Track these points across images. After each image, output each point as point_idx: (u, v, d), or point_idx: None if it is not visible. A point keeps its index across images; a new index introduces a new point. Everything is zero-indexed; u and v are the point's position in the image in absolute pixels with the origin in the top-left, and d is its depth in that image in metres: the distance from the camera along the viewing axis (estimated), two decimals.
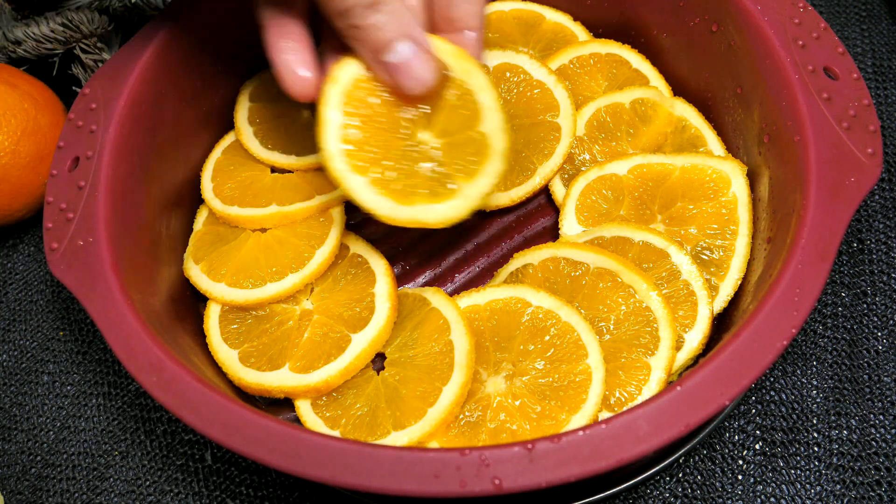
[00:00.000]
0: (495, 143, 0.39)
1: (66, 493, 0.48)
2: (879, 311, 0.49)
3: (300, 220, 0.46)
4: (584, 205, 0.46)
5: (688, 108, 0.49)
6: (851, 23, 0.60)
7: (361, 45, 0.36)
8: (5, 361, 0.53)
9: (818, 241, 0.36)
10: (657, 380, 0.39)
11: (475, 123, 0.39)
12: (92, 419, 0.50)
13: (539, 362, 0.40)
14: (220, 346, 0.43)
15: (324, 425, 0.40)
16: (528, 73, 0.50)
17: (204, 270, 0.44)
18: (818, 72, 0.41)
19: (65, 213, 0.41)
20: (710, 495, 0.45)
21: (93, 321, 0.51)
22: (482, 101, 0.39)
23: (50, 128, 0.53)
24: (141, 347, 0.36)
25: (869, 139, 0.39)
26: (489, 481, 0.31)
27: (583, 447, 0.32)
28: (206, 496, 0.47)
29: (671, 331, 0.40)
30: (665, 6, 0.49)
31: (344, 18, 0.35)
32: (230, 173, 0.49)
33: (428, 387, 0.39)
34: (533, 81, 0.50)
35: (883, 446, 0.45)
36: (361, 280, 0.44)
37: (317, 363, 0.41)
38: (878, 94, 0.57)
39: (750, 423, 0.46)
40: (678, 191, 0.45)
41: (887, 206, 0.53)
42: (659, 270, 0.43)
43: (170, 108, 0.46)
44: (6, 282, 0.56)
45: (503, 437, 0.38)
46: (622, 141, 0.49)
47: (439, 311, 0.42)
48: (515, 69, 0.50)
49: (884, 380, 0.47)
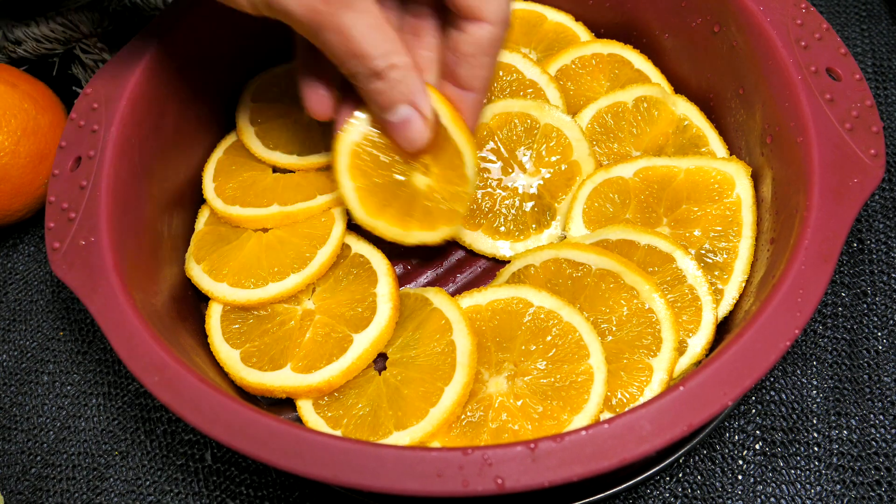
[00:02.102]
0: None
1: (66, 493, 0.48)
2: (879, 311, 0.49)
3: (302, 220, 0.46)
4: (591, 208, 0.46)
5: (690, 106, 0.49)
6: (851, 23, 0.60)
7: (367, 102, 0.39)
8: (5, 361, 0.53)
9: (821, 242, 0.36)
10: (659, 381, 0.39)
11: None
12: (92, 419, 0.50)
13: (541, 362, 0.40)
14: (222, 345, 0.43)
15: (325, 425, 0.40)
16: (520, 73, 0.50)
17: (206, 270, 0.44)
18: (821, 73, 0.41)
19: (67, 213, 0.40)
20: (710, 495, 0.45)
21: (94, 321, 0.51)
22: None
23: (50, 128, 0.53)
24: (143, 347, 0.36)
25: (872, 140, 0.39)
26: (492, 481, 0.31)
27: (585, 447, 0.32)
28: (206, 496, 0.47)
29: (674, 332, 0.40)
30: (667, 7, 0.49)
31: (353, 80, 0.38)
32: (232, 173, 0.48)
33: (430, 387, 0.39)
34: (525, 81, 0.50)
35: (883, 446, 0.45)
36: (363, 280, 0.44)
37: (318, 363, 0.41)
38: (878, 95, 0.57)
39: (750, 423, 0.46)
40: (683, 193, 0.45)
41: (887, 206, 0.53)
42: (664, 274, 0.43)
43: (171, 108, 0.46)
44: (6, 282, 0.56)
45: (505, 437, 0.38)
46: (624, 142, 0.49)
47: (441, 311, 0.42)
48: (508, 68, 0.51)
49: (884, 380, 0.47)
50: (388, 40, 0.36)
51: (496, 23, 0.38)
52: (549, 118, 0.48)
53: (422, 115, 0.39)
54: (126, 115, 0.43)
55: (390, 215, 0.43)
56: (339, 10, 0.34)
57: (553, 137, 0.48)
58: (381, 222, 0.43)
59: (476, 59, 0.39)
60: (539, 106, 0.48)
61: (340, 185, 0.42)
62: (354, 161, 0.42)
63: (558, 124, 0.48)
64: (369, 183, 0.42)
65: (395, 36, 0.37)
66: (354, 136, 0.42)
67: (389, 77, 0.37)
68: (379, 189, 0.43)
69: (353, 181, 0.42)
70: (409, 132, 0.40)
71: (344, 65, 0.37)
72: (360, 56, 0.36)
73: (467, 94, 0.40)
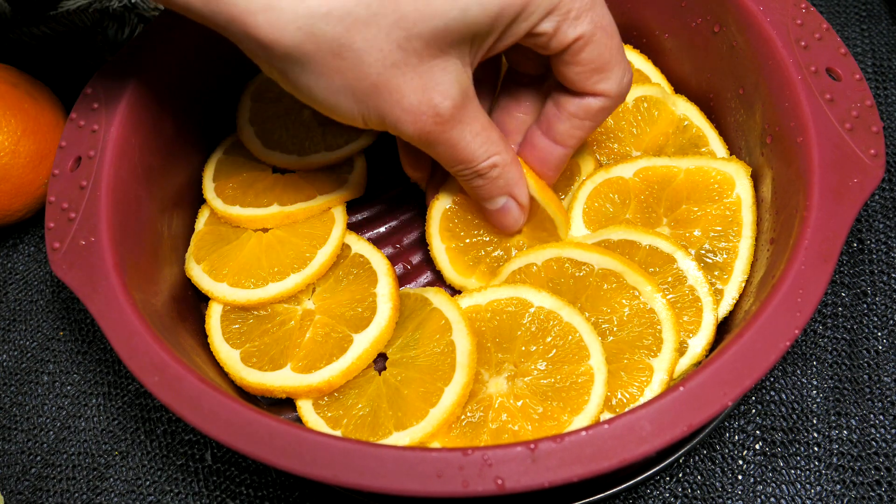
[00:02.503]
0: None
1: (66, 493, 0.48)
2: (879, 311, 0.49)
3: (302, 220, 0.46)
4: (591, 209, 0.46)
5: (690, 106, 0.49)
6: (851, 23, 0.60)
7: (469, 193, 0.43)
8: (5, 361, 0.53)
9: (821, 242, 0.36)
10: (659, 381, 0.39)
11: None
12: (92, 419, 0.50)
13: (541, 363, 0.40)
14: (222, 345, 0.43)
15: (325, 425, 0.40)
16: None
17: (206, 270, 0.44)
18: (821, 73, 0.41)
19: (67, 213, 0.40)
20: (710, 495, 0.45)
21: (94, 321, 0.51)
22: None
23: (50, 128, 0.53)
24: (143, 347, 0.36)
25: (872, 140, 0.39)
26: (492, 481, 0.31)
27: (585, 447, 0.32)
28: (206, 496, 0.47)
29: (674, 333, 0.40)
30: (667, 7, 0.49)
31: (456, 173, 0.40)
32: (232, 173, 0.48)
33: (430, 387, 0.39)
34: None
35: (883, 446, 0.45)
36: (363, 280, 0.44)
37: (319, 363, 0.41)
38: (878, 95, 0.57)
39: (750, 423, 0.46)
40: (683, 193, 0.45)
41: (887, 206, 0.53)
42: (665, 275, 0.43)
43: (172, 107, 0.46)
44: (6, 282, 0.56)
45: (505, 437, 0.38)
46: (624, 142, 0.49)
47: (441, 311, 0.42)
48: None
49: (884, 380, 0.47)
50: (491, 143, 0.39)
51: (614, 98, 0.39)
52: None
53: (519, 204, 0.42)
54: (126, 115, 0.43)
55: (480, 273, 0.45)
56: (450, 128, 0.36)
57: None
58: (471, 280, 0.45)
59: (581, 122, 0.40)
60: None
61: (432, 246, 0.46)
62: (445, 224, 0.45)
63: None
64: (460, 244, 0.46)
65: (497, 136, 0.39)
66: (447, 202, 0.45)
67: (489, 175, 0.40)
68: (469, 248, 0.46)
69: (444, 242, 0.45)
70: (507, 219, 0.43)
71: (448, 167, 0.39)
72: (464, 162, 0.39)
73: (557, 148, 0.41)
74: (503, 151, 0.39)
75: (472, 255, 0.46)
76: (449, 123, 0.36)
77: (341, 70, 0.34)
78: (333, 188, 0.47)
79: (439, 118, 0.36)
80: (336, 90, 0.35)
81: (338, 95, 0.35)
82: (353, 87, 0.34)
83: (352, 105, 0.35)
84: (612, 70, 0.38)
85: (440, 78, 0.35)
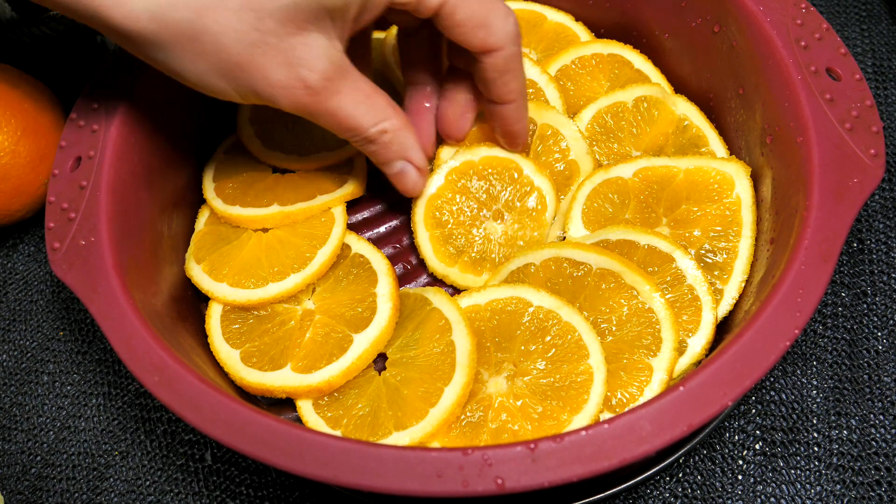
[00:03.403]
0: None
1: (66, 493, 0.48)
2: (879, 311, 0.49)
3: (302, 220, 0.46)
4: (591, 209, 0.46)
5: (690, 106, 0.49)
6: (851, 23, 0.60)
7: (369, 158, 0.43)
8: (5, 361, 0.53)
9: (821, 242, 0.36)
10: (659, 381, 0.39)
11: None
12: (92, 419, 0.50)
13: (540, 362, 0.40)
14: (222, 345, 0.43)
15: (325, 425, 0.40)
16: None
17: (206, 270, 0.44)
18: (820, 73, 0.41)
19: (66, 213, 0.41)
20: (710, 495, 0.45)
21: (94, 321, 0.51)
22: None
23: (50, 128, 0.53)
24: (143, 347, 0.36)
25: (871, 140, 0.39)
26: (492, 481, 0.31)
27: (585, 447, 0.32)
28: (206, 496, 0.47)
29: (674, 332, 0.40)
30: (667, 7, 0.49)
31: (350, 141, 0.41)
32: (232, 173, 0.48)
33: (430, 387, 0.39)
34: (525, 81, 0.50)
35: (883, 446, 0.45)
36: (363, 280, 0.44)
37: (318, 363, 0.41)
38: (878, 95, 0.57)
39: (750, 423, 0.46)
40: (683, 193, 0.45)
41: (887, 206, 0.53)
42: (664, 274, 0.43)
43: (171, 107, 0.46)
44: (6, 282, 0.56)
45: (505, 437, 0.38)
46: (624, 142, 0.49)
47: (441, 311, 0.42)
48: None
49: (884, 380, 0.47)
50: (376, 109, 0.40)
51: (507, 45, 0.40)
52: (546, 118, 0.48)
53: (415, 166, 0.44)
54: (126, 115, 0.43)
55: (463, 263, 0.46)
56: (325, 98, 0.38)
57: (550, 137, 0.48)
58: (454, 270, 0.46)
59: (502, 78, 0.42)
60: (536, 106, 0.48)
61: (417, 234, 0.46)
62: (430, 212, 0.46)
63: (556, 124, 0.48)
64: (443, 232, 0.46)
65: (384, 103, 0.40)
66: (431, 189, 0.46)
67: (381, 140, 0.41)
68: (453, 237, 0.46)
69: (428, 230, 0.46)
70: (406, 182, 0.44)
71: (341, 135, 0.41)
72: (352, 129, 0.40)
73: (507, 106, 0.44)
74: (392, 117, 0.41)
75: (455, 245, 0.46)
76: (322, 94, 0.37)
77: (204, 53, 0.35)
78: (333, 188, 0.47)
79: (311, 90, 0.37)
80: (203, 72, 0.36)
81: (207, 76, 0.36)
82: (219, 67, 0.36)
83: (223, 84, 0.37)
84: (491, 22, 0.39)
85: (303, 53, 0.36)
